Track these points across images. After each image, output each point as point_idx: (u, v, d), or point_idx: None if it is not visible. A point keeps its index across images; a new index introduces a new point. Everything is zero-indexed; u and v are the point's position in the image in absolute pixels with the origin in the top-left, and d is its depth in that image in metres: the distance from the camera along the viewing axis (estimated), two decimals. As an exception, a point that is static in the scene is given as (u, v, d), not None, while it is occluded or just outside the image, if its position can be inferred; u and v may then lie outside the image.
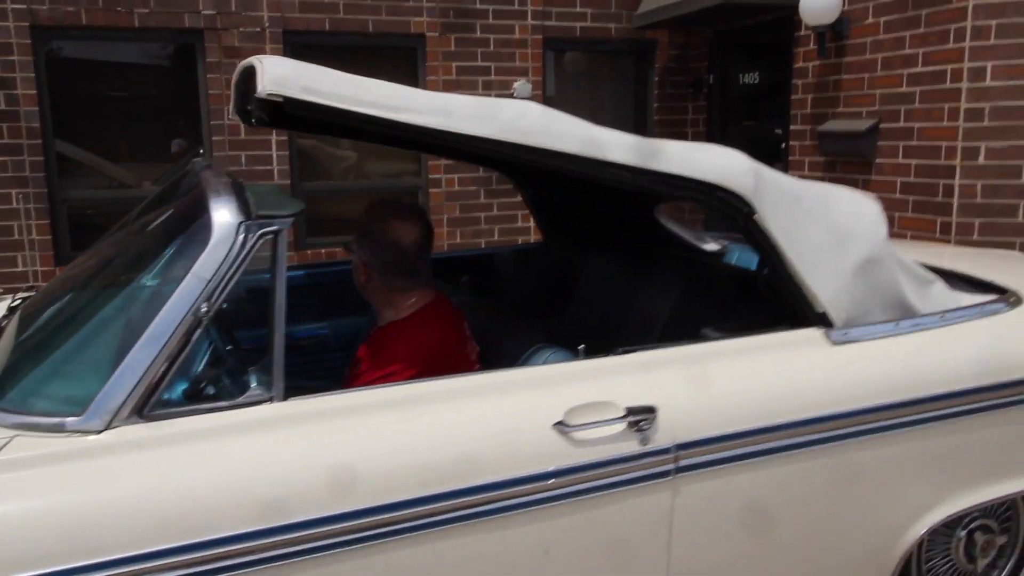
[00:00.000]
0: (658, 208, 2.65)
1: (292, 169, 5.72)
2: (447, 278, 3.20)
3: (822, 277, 1.99)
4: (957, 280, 2.55)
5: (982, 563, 2.25)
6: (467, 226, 6.16)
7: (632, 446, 1.76)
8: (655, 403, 1.79)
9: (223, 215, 1.62)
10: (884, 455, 1.99)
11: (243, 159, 5.55)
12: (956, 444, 2.06)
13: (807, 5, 4.94)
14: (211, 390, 1.75)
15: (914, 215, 4.72)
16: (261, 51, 5.47)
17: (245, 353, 2.38)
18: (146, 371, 1.52)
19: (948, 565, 2.23)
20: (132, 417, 1.53)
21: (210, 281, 1.56)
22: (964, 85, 4.36)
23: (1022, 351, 2.11)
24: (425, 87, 5.93)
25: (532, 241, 6.29)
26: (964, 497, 2.11)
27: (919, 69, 4.62)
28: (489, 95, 6.03)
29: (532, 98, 6.06)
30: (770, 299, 2.12)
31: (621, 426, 1.76)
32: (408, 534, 1.59)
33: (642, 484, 1.77)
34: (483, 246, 6.17)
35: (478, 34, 5.95)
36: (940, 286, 2.22)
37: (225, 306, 2.79)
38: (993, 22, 4.25)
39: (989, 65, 4.29)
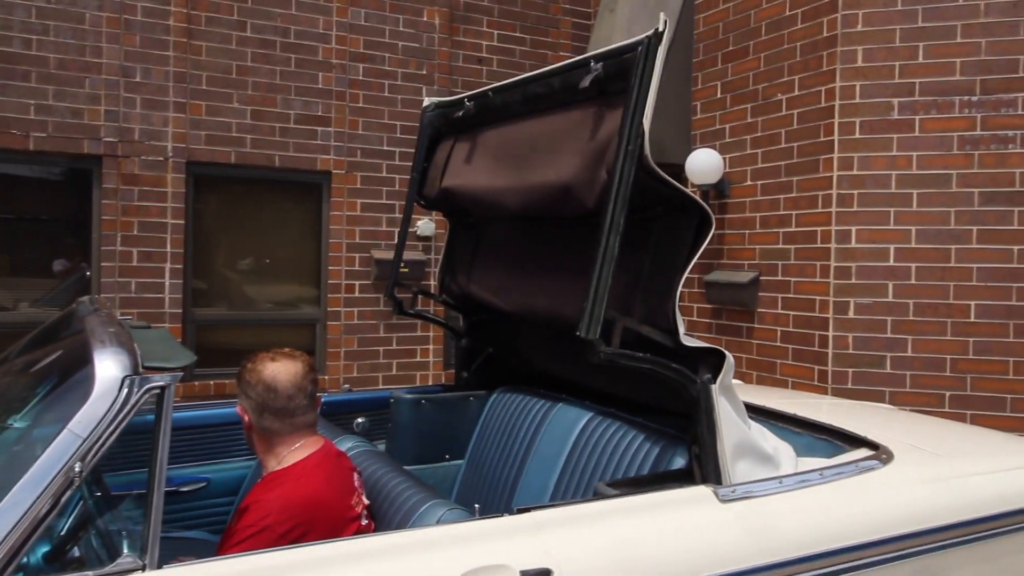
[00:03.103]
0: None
1: (185, 296, 5.57)
2: (340, 420, 3.13)
3: (738, 471, 2.12)
4: (835, 435, 2.70)
5: None
6: (365, 360, 6.09)
7: (526, 612, 1.72)
8: (550, 566, 1.77)
9: (106, 367, 1.55)
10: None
11: (133, 286, 5.38)
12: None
13: (693, 166, 5.35)
14: (77, 553, 1.62)
15: (794, 363, 4.99)
16: (162, 180, 5.43)
17: (117, 502, 2.23)
18: (3, 539, 1.39)
19: None
20: (-19, 590, 1.39)
21: (86, 439, 1.47)
22: (833, 246, 4.76)
23: (895, 509, 2.21)
24: (328, 223, 5.99)
25: (430, 377, 6.26)
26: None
27: (793, 229, 5.02)
28: (392, 234, 6.13)
29: (434, 236, 6.20)
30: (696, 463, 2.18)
31: (515, 591, 1.72)
32: None
33: (536, 653, 1.72)
34: (380, 380, 6.09)
35: (384, 173, 6.11)
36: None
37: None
38: (855, 192, 4.71)
39: (854, 229, 4.72)
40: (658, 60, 1.91)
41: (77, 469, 1.46)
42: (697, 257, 2.11)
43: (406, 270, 5.91)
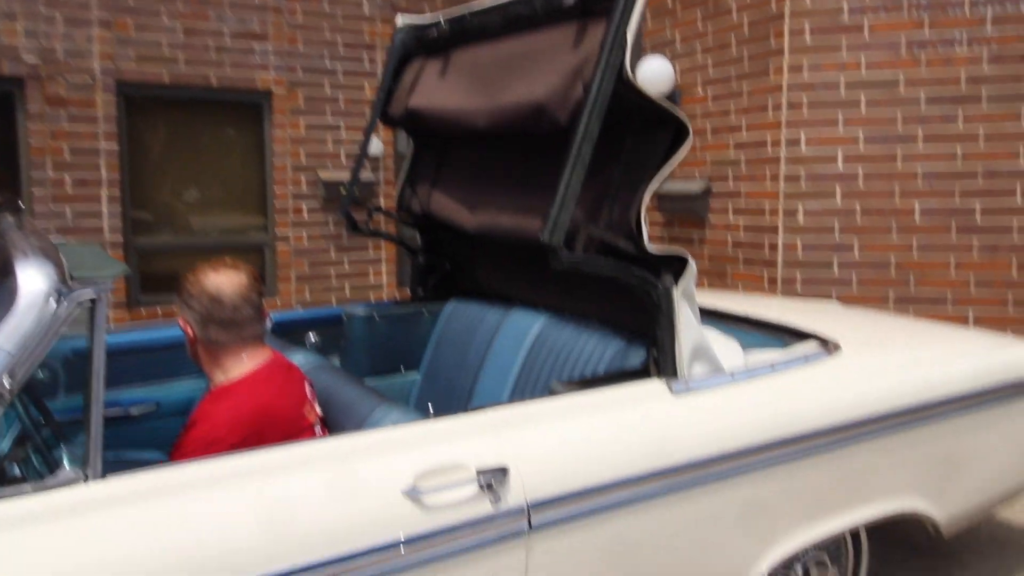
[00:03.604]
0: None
1: (124, 224, 5.38)
2: (293, 338, 3.08)
3: (694, 373, 2.12)
4: (785, 332, 2.74)
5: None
6: (317, 282, 6.00)
7: (484, 507, 1.73)
8: (506, 463, 1.77)
9: (31, 279, 1.47)
10: (727, 500, 2.06)
11: (68, 214, 5.16)
12: (790, 487, 2.17)
13: (644, 75, 5.23)
14: (15, 471, 1.57)
15: (745, 269, 5.05)
16: (91, 102, 5.16)
17: (58, 427, 2.17)
18: (-68, 455, 1.34)
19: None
20: (-86, 508, 1.34)
21: (14, 353, 1.40)
22: (783, 152, 4.76)
23: (842, 397, 2.27)
24: (271, 144, 5.79)
25: (384, 297, 6.21)
26: (798, 536, 2.22)
27: (743, 137, 5.00)
28: (339, 153, 5.96)
29: (383, 156, 6.04)
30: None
31: (473, 488, 1.72)
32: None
33: (496, 545, 1.74)
34: (334, 303, 6.02)
35: (328, 91, 5.89)
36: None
37: (40, 375, 2.55)
38: (804, 96, 4.69)
39: (803, 134, 4.71)
40: None
41: (7, 385, 1.40)
42: (671, 168, 2.08)
43: (356, 193, 5.79)
